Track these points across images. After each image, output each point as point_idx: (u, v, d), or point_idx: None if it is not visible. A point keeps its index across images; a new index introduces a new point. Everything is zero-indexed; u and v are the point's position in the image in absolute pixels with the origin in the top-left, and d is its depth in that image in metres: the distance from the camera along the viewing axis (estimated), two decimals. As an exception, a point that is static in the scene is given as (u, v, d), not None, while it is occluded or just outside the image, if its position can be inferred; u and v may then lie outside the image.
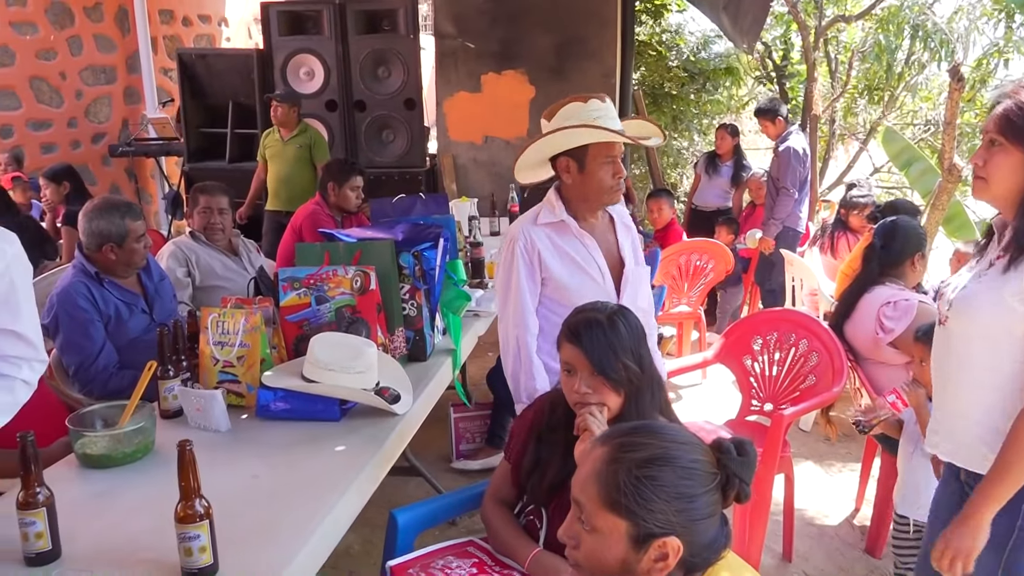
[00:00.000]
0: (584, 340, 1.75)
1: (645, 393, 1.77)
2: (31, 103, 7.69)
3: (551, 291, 2.35)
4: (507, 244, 2.36)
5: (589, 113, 2.22)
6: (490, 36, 6.67)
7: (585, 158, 2.27)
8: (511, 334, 2.36)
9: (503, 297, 2.38)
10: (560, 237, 2.35)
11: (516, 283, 2.33)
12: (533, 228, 2.34)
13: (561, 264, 2.33)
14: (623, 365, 1.73)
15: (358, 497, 1.85)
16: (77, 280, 2.76)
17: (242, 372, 2.25)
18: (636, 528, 1.13)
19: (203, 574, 1.44)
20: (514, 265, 2.32)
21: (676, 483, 1.15)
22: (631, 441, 1.19)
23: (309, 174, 5.50)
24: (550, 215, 2.35)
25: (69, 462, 1.96)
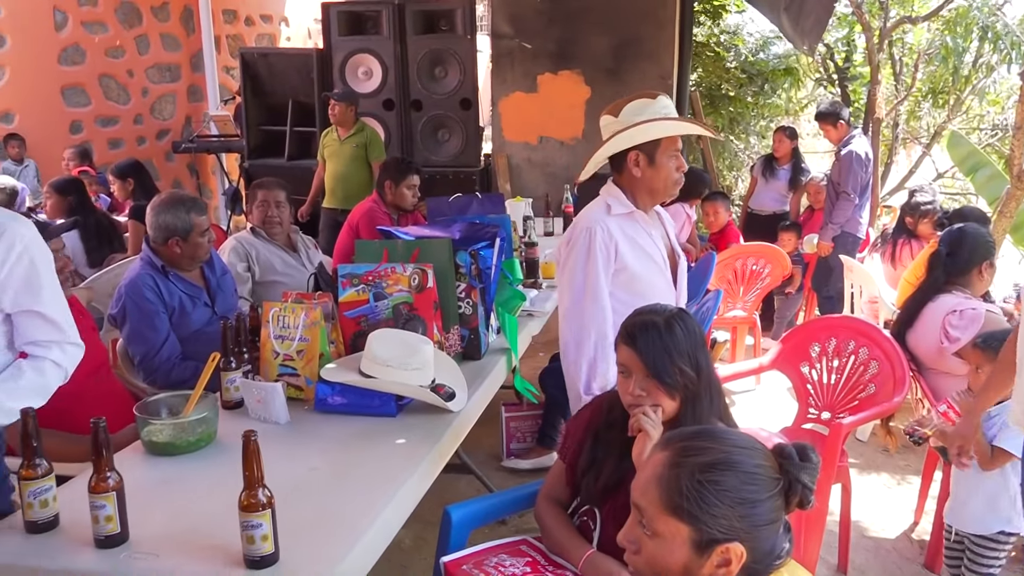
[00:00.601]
0: (639, 342, 1.74)
1: (703, 398, 1.75)
2: (100, 100, 7.94)
3: (623, 282, 2.34)
4: (582, 237, 2.33)
5: (659, 109, 2.27)
6: (547, 36, 6.68)
7: (656, 152, 2.31)
8: (589, 325, 2.32)
9: (579, 288, 2.32)
10: (631, 228, 2.37)
11: (594, 274, 2.30)
12: (609, 219, 2.34)
13: (635, 255, 2.34)
14: (678, 369, 1.72)
15: (413, 492, 1.87)
16: (144, 272, 2.84)
17: (301, 366, 2.29)
18: (699, 533, 1.13)
19: (265, 562, 1.47)
20: (592, 256, 2.30)
21: (739, 488, 1.13)
22: (693, 445, 1.18)
23: (365, 172, 5.57)
24: (621, 207, 2.36)
25: (135, 448, 2.02)
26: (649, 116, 2.27)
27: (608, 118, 2.36)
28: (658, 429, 1.71)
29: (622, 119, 2.31)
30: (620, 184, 2.40)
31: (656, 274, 2.41)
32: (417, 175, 4.44)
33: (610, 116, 2.35)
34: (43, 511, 1.61)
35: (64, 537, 1.61)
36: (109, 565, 1.52)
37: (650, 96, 2.31)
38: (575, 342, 2.34)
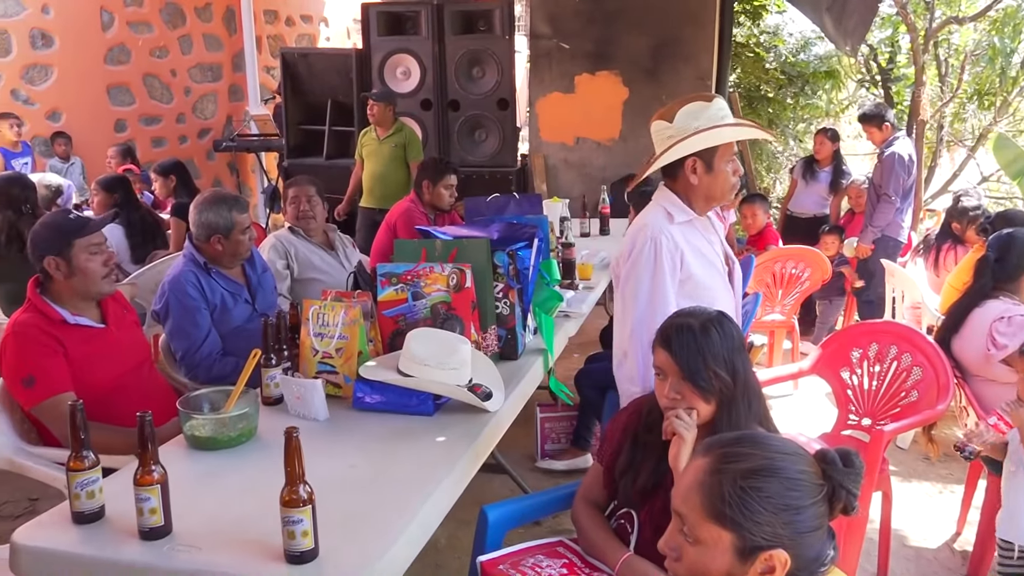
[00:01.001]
0: (674, 345, 1.74)
1: (739, 403, 1.74)
2: (144, 99, 8.09)
3: (688, 292, 2.27)
4: (647, 247, 2.25)
5: (716, 113, 2.21)
6: (585, 37, 6.66)
7: (714, 158, 2.25)
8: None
9: (646, 301, 2.24)
10: (692, 236, 2.31)
11: (662, 286, 2.23)
12: (672, 228, 2.27)
13: (699, 263, 2.29)
14: (712, 373, 1.70)
15: (450, 492, 1.87)
16: (187, 269, 2.88)
17: (340, 364, 2.31)
18: (742, 540, 1.12)
19: (304, 557, 1.48)
20: (659, 267, 2.22)
21: (783, 495, 1.12)
22: (735, 452, 1.17)
23: (403, 172, 5.60)
24: (682, 214, 2.29)
25: (178, 442, 2.05)
26: (707, 121, 2.21)
27: (661, 123, 2.28)
28: (692, 432, 1.70)
29: (678, 125, 2.24)
30: (675, 190, 2.33)
31: (718, 281, 2.35)
32: (455, 175, 4.46)
33: (663, 121, 2.27)
34: (90, 502, 1.64)
35: (110, 528, 1.64)
36: (153, 557, 1.54)
37: (705, 99, 2.24)
38: (643, 357, 2.22)
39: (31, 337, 2.35)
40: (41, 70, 7.22)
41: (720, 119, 2.22)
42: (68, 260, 2.41)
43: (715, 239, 2.41)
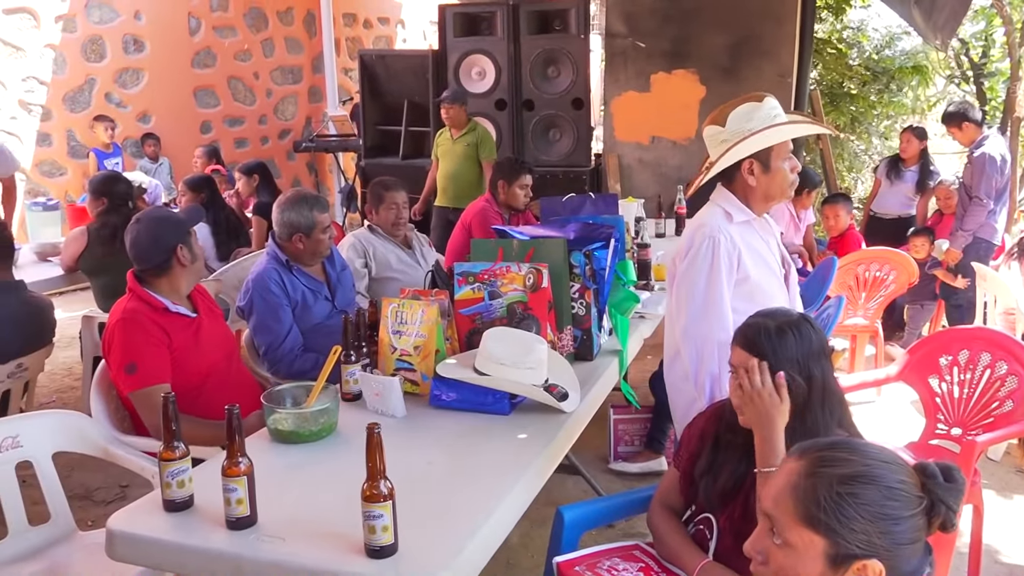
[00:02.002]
0: (749, 344, 1.71)
1: (814, 410, 1.69)
2: (228, 101, 8.35)
3: (745, 293, 2.25)
4: (704, 247, 2.23)
5: (767, 112, 2.20)
6: (661, 35, 6.59)
7: (770, 158, 2.23)
8: (713, 335, 2.22)
9: (701, 300, 2.23)
10: (750, 236, 2.30)
11: (718, 286, 2.21)
12: (730, 228, 2.25)
13: (755, 264, 2.28)
14: (788, 375, 1.67)
15: (526, 491, 1.87)
16: (270, 267, 2.96)
17: (418, 361, 2.33)
18: (835, 547, 1.08)
19: (384, 552, 1.51)
20: (715, 267, 2.21)
21: (881, 503, 1.09)
22: (831, 456, 1.14)
23: (476, 171, 5.64)
24: (741, 214, 2.28)
25: (262, 435, 2.10)
26: (760, 121, 2.18)
27: (714, 128, 2.26)
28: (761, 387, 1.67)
29: (730, 128, 2.22)
30: (732, 191, 2.31)
31: (774, 283, 2.34)
32: (530, 175, 4.46)
33: (716, 126, 2.25)
34: (180, 491, 1.70)
35: (198, 516, 1.70)
36: (239, 546, 1.59)
37: (756, 99, 2.22)
38: (697, 356, 2.23)
39: (139, 324, 2.45)
40: (133, 74, 7.53)
41: (773, 118, 2.21)
42: (190, 247, 2.58)
43: (772, 241, 2.38)
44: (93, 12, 7.14)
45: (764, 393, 1.67)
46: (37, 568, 2.21)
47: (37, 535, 2.29)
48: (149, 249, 2.54)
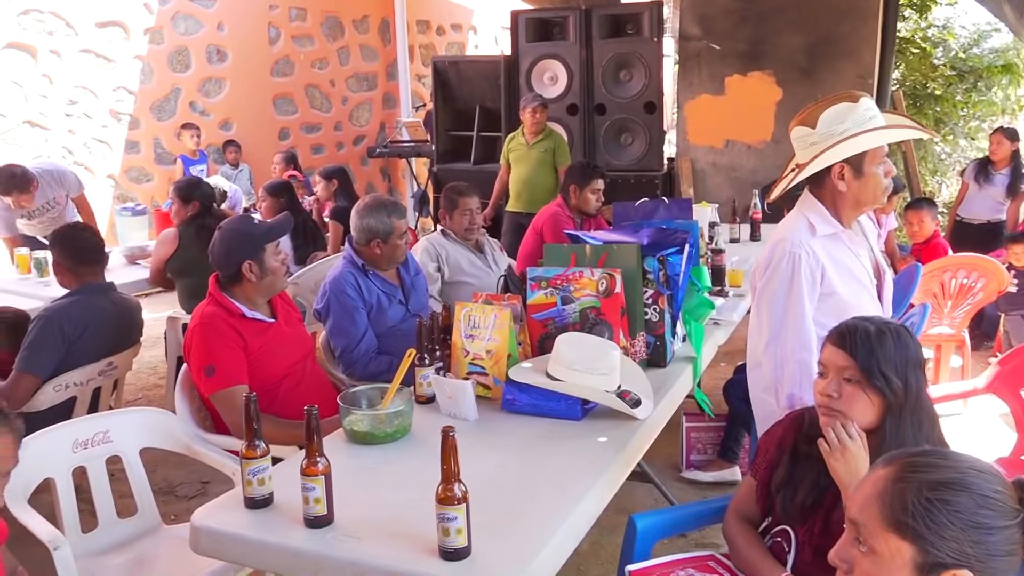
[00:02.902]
0: (847, 341, 1.66)
1: (906, 416, 1.63)
2: (305, 109, 8.56)
3: (830, 308, 2.16)
4: (784, 261, 2.15)
5: (863, 113, 2.08)
6: (736, 37, 6.49)
7: (862, 163, 2.12)
8: (792, 355, 2.15)
9: (780, 314, 2.17)
10: (836, 249, 2.19)
11: (797, 301, 2.13)
12: (813, 241, 2.16)
13: (842, 279, 2.17)
14: (884, 375, 1.61)
15: (599, 498, 1.86)
16: (346, 270, 3.02)
17: (490, 365, 2.34)
18: (924, 555, 1.05)
19: (458, 555, 1.52)
20: (796, 283, 2.13)
21: (973, 511, 1.04)
22: (921, 462, 1.10)
23: (551, 177, 5.64)
24: (826, 226, 2.17)
25: (338, 436, 2.14)
26: (854, 125, 2.08)
27: (803, 129, 2.16)
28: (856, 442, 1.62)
29: (821, 131, 2.12)
30: (821, 197, 2.20)
31: (864, 297, 2.23)
32: (602, 179, 4.44)
33: (805, 128, 2.15)
34: (260, 488, 1.74)
35: (277, 514, 1.74)
36: (317, 544, 1.62)
37: (851, 99, 2.10)
38: (778, 374, 2.17)
39: (216, 329, 2.53)
40: (215, 83, 7.78)
41: (868, 121, 2.08)
42: (261, 263, 2.61)
43: (863, 251, 2.26)
44: (179, 24, 7.42)
45: (852, 448, 1.62)
46: (125, 559, 2.30)
47: (125, 527, 2.39)
48: (220, 260, 2.63)
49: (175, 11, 7.36)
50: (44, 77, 6.55)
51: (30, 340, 2.91)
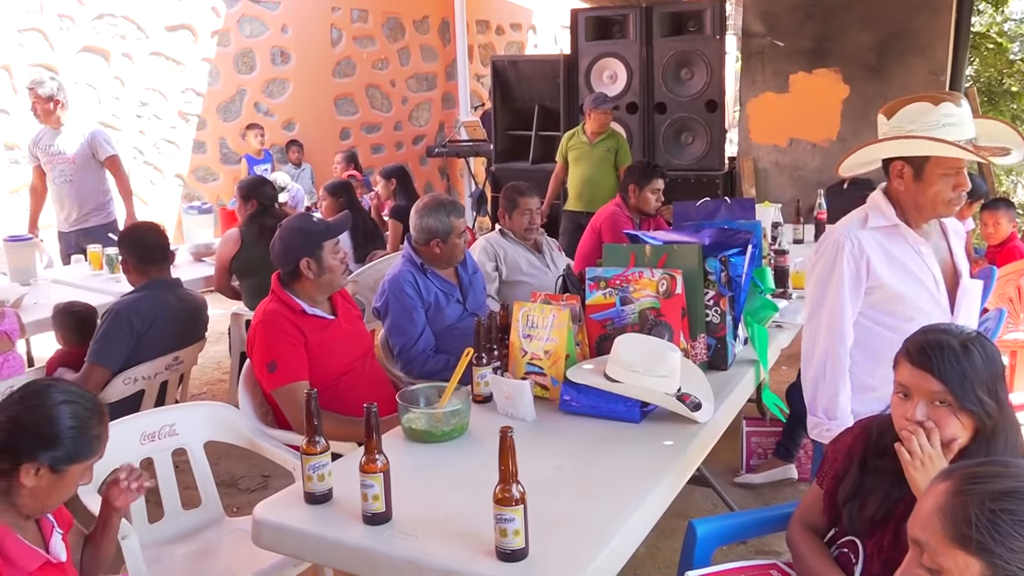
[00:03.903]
0: (934, 363, 1.55)
1: (999, 434, 1.55)
2: (366, 109, 8.67)
3: (878, 301, 2.16)
4: (829, 248, 2.20)
5: (936, 119, 2.01)
6: (802, 33, 6.35)
7: (925, 167, 2.07)
8: (820, 343, 2.21)
9: (817, 302, 2.22)
10: (892, 243, 2.16)
11: (836, 289, 2.16)
12: (862, 233, 2.16)
13: (892, 272, 2.14)
14: (977, 398, 1.53)
15: (658, 502, 1.83)
16: (405, 269, 3.04)
17: (548, 365, 2.33)
18: (993, 569, 1.00)
19: (515, 556, 1.51)
20: (836, 270, 2.16)
21: None
22: (981, 472, 1.06)
23: (612, 177, 5.59)
24: (881, 219, 2.16)
25: (395, 434, 2.15)
26: (922, 127, 2.01)
27: (881, 118, 2.15)
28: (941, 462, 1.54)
29: (893, 123, 2.09)
30: (888, 193, 2.19)
31: (923, 295, 2.17)
32: (662, 179, 4.39)
33: (883, 116, 2.14)
34: (320, 484, 1.76)
35: (336, 510, 1.75)
36: (374, 541, 1.62)
37: (932, 101, 2.03)
38: (806, 358, 2.27)
39: (278, 325, 2.57)
40: (279, 84, 7.93)
41: (939, 127, 2.00)
42: (319, 260, 2.63)
43: (927, 251, 2.19)
44: (245, 26, 7.58)
45: (935, 458, 1.55)
46: (189, 550, 2.35)
47: (189, 518, 2.44)
48: (280, 257, 2.67)
49: (241, 14, 7.52)
50: (116, 79, 6.76)
51: (101, 333, 3.00)
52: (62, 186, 4.82)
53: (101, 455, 1.68)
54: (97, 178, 4.85)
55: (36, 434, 1.55)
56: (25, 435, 1.55)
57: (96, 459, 1.66)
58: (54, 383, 1.68)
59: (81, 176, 4.79)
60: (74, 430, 1.59)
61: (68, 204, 4.84)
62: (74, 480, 1.61)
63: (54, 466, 1.55)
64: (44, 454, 1.54)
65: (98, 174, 4.84)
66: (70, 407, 1.60)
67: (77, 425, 1.59)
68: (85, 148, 4.76)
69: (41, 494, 1.56)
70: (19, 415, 1.58)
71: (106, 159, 4.81)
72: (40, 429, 1.56)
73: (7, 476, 1.54)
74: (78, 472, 1.61)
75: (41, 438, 1.55)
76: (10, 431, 1.56)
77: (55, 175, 4.82)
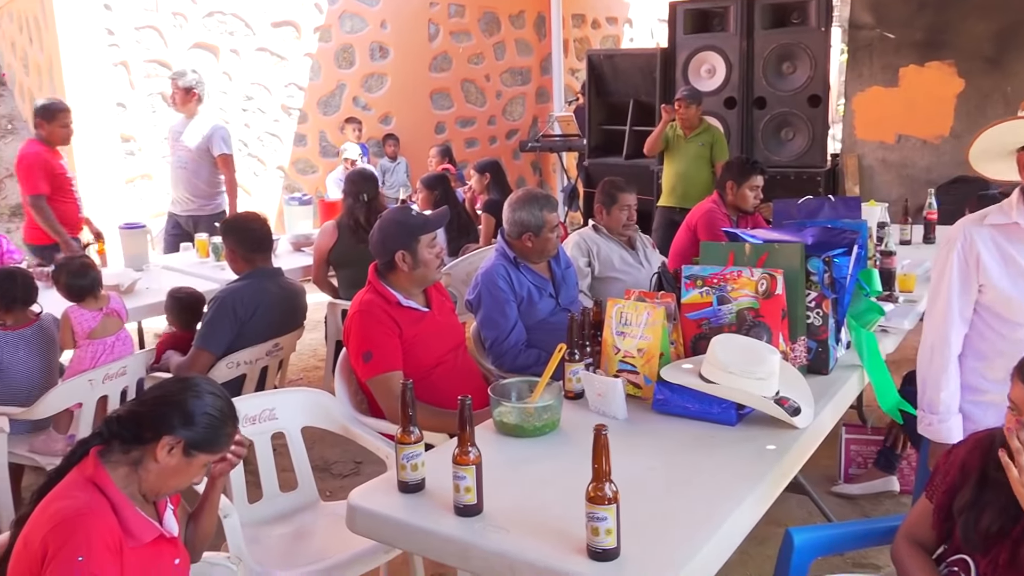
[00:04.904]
0: None
1: None
2: (461, 103, 8.75)
3: (989, 301, 2.10)
4: (945, 242, 2.19)
5: None
6: (914, 25, 6.07)
7: None
8: (928, 338, 2.21)
9: (931, 297, 2.22)
10: (1010, 242, 2.08)
11: (946, 285, 2.15)
12: (977, 229, 2.10)
13: (1004, 271, 2.06)
14: None
15: (754, 509, 1.78)
16: (498, 263, 3.05)
17: (641, 364, 2.29)
18: None
19: (607, 555, 1.49)
20: (948, 266, 2.13)
21: None
22: None
23: (707, 173, 5.48)
24: (1001, 216, 2.08)
25: (487, 427, 2.15)
26: None
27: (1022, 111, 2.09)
28: None
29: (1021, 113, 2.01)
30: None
31: None
32: (761, 176, 4.26)
33: None
34: (413, 474, 1.78)
35: (428, 500, 1.77)
36: (466, 533, 1.63)
37: None
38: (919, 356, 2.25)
39: (374, 316, 2.62)
40: (377, 79, 8.09)
41: None
42: (414, 254, 2.66)
43: None
44: (346, 22, 7.76)
45: None
46: (286, 531, 2.42)
47: (286, 500, 2.52)
48: (377, 247, 2.71)
49: (342, 10, 7.70)
50: (224, 75, 7.03)
51: (207, 319, 3.13)
52: (178, 171, 5.12)
53: (223, 457, 1.75)
54: (210, 171, 5.09)
55: (182, 412, 1.63)
56: (173, 411, 1.63)
57: (219, 457, 1.72)
58: (207, 379, 1.77)
59: (196, 166, 5.06)
60: (213, 420, 1.66)
61: (181, 189, 5.13)
62: (196, 471, 1.68)
63: (187, 448, 1.63)
64: (184, 431, 1.62)
65: (211, 167, 5.09)
66: (216, 399, 1.68)
67: (217, 416, 1.67)
68: (204, 141, 5.02)
69: (165, 474, 1.63)
70: (172, 394, 1.67)
71: (218, 156, 5.05)
72: (187, 408, 1.64)
73: (144, 448, 1.62)
74: (201, 463, 1.67)
75: (185, 416, 1.63)
76: (160, 405, 1.65)
77: (174, 160, 5.14)
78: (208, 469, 1.74)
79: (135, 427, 1.62)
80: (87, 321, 3.11)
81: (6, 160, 7.34)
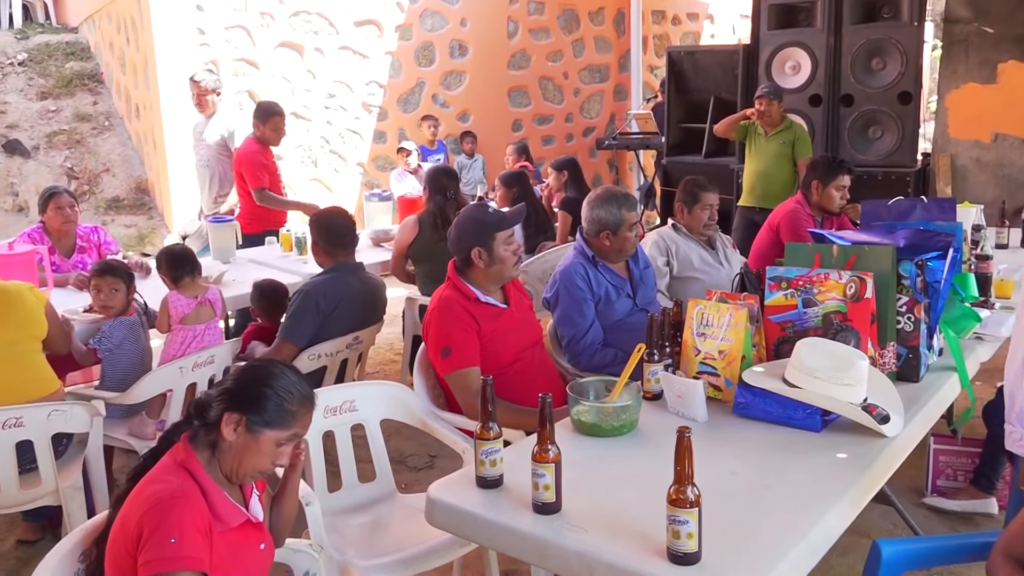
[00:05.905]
0: None
1: None
2: (538, 101, 8.76)
3: None
4: None
5: None
6: (1015, 19, 5.80)
7: None
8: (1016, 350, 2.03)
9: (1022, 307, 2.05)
10: None
11: None
12: None
13: None
14: None
15: (841, 517, 1.73)
16: (576, 261, 3.04)
17: (722, 366, 2.25)
18: None
19: (688, 559, 1.47)
20: None
21: None
22: None
23: (788, 172, 5.34)
24: None
25: (564, 425, 2.15)
26: None
27: None
28: None
29: None
30: None
31: None
32: (849, 176, 4.13)
33: None
34: (492, 469, 1.79)
35: (506, 496, 1.77)
36: (544, 530, 1.63)
37: None
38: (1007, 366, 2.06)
39: (453, 312, 2.65)
40: (456, 76, 8.16)
41: None
42: (490, 251, 2.67)
43: None
44: (426, 20, 7.85)
45: None
46: (364, 521, 2.47)
47: (364, 491, 2.56)
48: (454, 244, 2.73)
49: (423, 9, 7.80)
50: (308, 73, 7.20)
51: (291, 312, 3.21)
52: (201, 170, 5.24)
53: (295, 435, 1.77)
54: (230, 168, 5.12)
55: (247, 390, 1.69)
56: (240, 390, 1.70)
57: (289, 435, 1.75)
58: (275, 361, 1.83)
59: (216, 164, 5.13)
60: (276, 397, 1.70)
61: (205, 187, 5.23)
62: (267, 449, 1.71)
63: (250, 424, 1.67)
64: (246, 407, 1.67)
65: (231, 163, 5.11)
66: (282, 379, 1.73)
67: (281, 395, 1.71)
68: (222, 140, 5.10)
69: (237, 452, 1.68)
70: (243, 374, 1.75)
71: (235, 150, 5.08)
72: (251, 387, 1.70)
73: (217, 429, 1.68)
74: (270, 441, 1.70)
75: (248, 393, 1.69)
76: (231, 384, 1.72)
77: (197, 159, 5.25)
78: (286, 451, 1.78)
79: (206, 409, 1.69)
80: (182, 307, 3.23)
81: (103, 155, 7.69)
